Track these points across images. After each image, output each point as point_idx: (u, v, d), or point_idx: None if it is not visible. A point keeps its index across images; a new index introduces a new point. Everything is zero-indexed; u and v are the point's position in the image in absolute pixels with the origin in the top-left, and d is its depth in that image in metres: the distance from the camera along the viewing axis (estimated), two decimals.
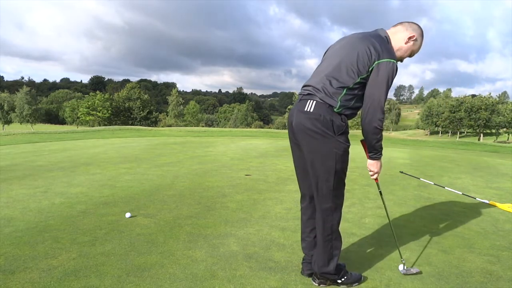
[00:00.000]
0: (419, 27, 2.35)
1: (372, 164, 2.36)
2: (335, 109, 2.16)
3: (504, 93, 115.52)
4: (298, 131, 2.25)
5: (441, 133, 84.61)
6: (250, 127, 66.80)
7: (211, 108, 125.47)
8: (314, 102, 2.19)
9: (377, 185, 2.61)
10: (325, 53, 2.44)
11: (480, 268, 2.70)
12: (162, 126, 52.84)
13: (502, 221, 3.90)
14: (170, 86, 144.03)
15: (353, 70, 2.14)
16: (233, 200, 4.35)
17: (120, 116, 69.47)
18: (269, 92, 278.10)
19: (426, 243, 3.18)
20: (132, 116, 70.40)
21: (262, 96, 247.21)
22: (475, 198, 4.82)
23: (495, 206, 4.50)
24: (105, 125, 61.65)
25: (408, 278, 2.49)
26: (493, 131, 70.11)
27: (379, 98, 2.12)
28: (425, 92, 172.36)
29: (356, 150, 4.42)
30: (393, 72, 2.12)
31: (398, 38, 2.31)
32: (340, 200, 2.32)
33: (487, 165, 8.72)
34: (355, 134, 4.27)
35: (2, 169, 5.94)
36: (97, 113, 64.89)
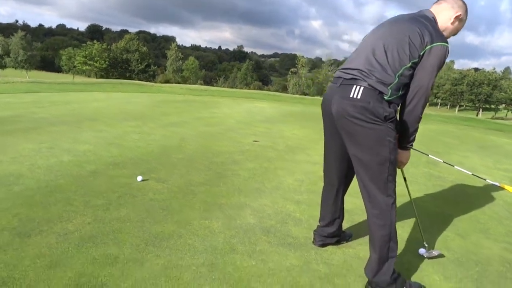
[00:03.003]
0: (464, 2, 2.14)
1: (403, 155, 2.17)
2: (385, 97, 1.94)
3: (507, 68, 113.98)
4: (341, 120, 2.03)
5: (440, 105, 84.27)
6: (249, 88, 65.87)
7: (211, 65, 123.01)
8: (362, 87, 1.96)
9: (402, 171, 2.47)
10: (367, 35, 2.19)
11: (497, 256, 2.70)
12: (160, 82, 51.89)
13: None
14: (169, 39, 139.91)
15: (405, 54, 1.93)
16: (244, 168, 4.28)
17: (118, 68, 67.99)
18: (270, 52, 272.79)
19: (441, 225, 3.17)
20: (129, 68, 68.89)
21: (262, 55, 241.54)
22: (485, 180, 4.78)
23: (506, 189, 4.47)
24: (101, 75, 60.48)
25: (429, 263, 2.48)
26: (493, 106, 69.92)
27: (428, 84, 1.95)
28: None
29: None
30: (445, 57, 1.94)
31: (444, 18, 2.11)
32: (395, 195, 2.06)
33: (494, 144, 8.70)
34: None
35: (5, 120, 5.78)
36: (94, 63, 63.30)
